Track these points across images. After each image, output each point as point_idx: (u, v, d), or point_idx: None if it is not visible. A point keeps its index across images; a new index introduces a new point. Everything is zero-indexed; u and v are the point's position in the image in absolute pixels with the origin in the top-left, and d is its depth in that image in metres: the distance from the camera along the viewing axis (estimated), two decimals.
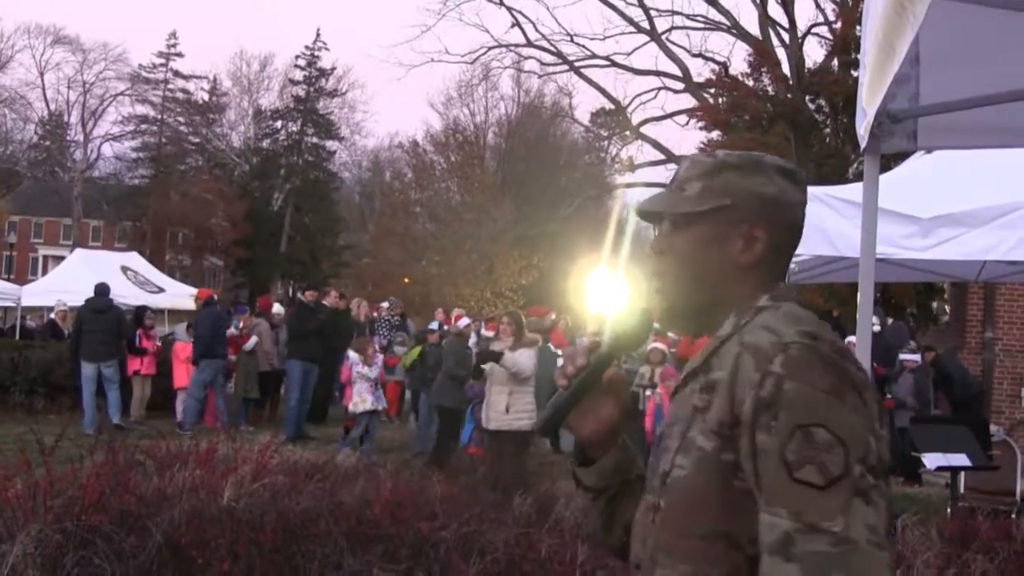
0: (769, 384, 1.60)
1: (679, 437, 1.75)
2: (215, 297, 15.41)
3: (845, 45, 25.60)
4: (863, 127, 3.30)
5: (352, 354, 12.96)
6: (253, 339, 16.04)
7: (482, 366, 10.43)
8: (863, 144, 3.46)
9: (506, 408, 10.15)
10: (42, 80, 70.79)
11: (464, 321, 13.09)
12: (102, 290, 15.61)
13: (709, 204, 1.83)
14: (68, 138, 72.69)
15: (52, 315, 20.80)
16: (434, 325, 16.44)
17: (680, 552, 1.69)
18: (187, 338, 15.77)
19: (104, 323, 14.82)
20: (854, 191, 6.16)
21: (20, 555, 4.90)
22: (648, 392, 12.01)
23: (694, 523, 1.68)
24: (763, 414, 1.59)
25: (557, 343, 14.56)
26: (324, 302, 16.33)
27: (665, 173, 40.65)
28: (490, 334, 13.29)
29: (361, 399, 12.51)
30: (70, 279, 23.67)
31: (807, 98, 27.01)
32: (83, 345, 14.82)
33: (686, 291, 1.88)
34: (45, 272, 47.71)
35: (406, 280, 46.61)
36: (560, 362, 13.17)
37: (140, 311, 16.21)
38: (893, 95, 3.20)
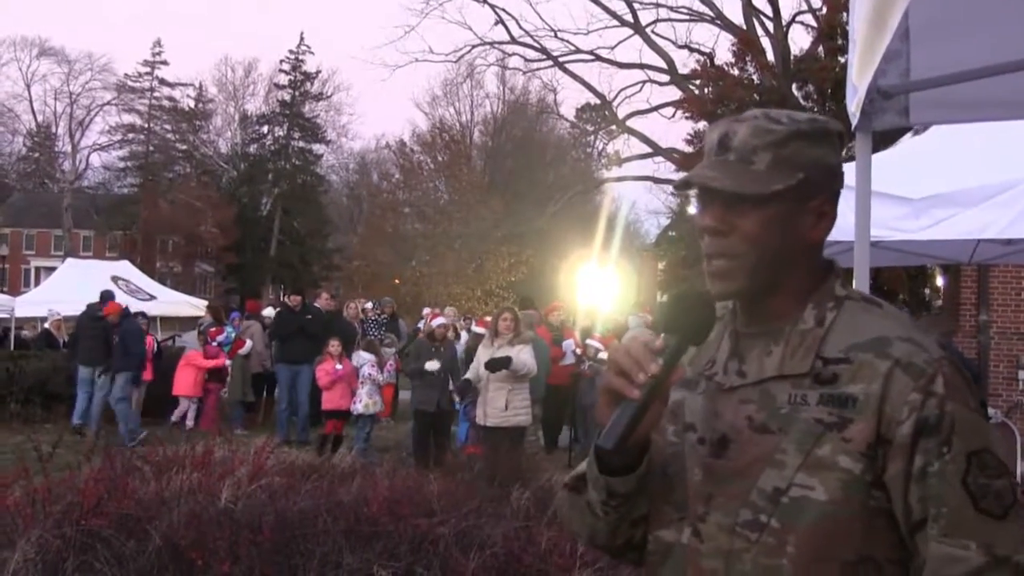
0: (932, 405, 1.55)
1: (798, 453, 1.62)
2: (129, 309, 15.31)
3: (831, 31, 25.59)
4: (854, 104, 3.28)
5: (364, 354, 12.91)
6: (248, 343, 16.09)
7: (490, 371, 10.38)
8: (855, 121, 3.43)
9: (505, 405, 10.18)
10: (29, 92, 70.77)
11: (438, 321, 12.63)
12: (104, 297, 15.89)
13: (784, 182, 1.67)
14: (56, 149, 72.75)
15: (46, 325, 20.76)
16: (422, 324, 16.45)
17: None
18: (198, 346, 15.86)
19: (99, 330, 14.92)
20: (845, 172, 6.13)
21: (21, 561, 4.90)
22: None
23: (837, 548, 1.58)
24: (929, 438, 1.55)
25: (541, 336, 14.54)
26: (316, 304, 16.34)
27: (652, 166, 40.73)
28: (480, 330, 13.24)
29: (372, 401, 12.50)
30: (62, 289, 23.68)
31: (794, 85, 27.02)
32: (79, 350, 15.27)
33: (752, 274, 1.70)
34: (38, 283, 47.60)
35: (396, 281, 46.57)
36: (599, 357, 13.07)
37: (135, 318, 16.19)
38: (884, 71, 3.17)
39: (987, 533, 1.51)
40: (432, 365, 11.50)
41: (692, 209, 2.02)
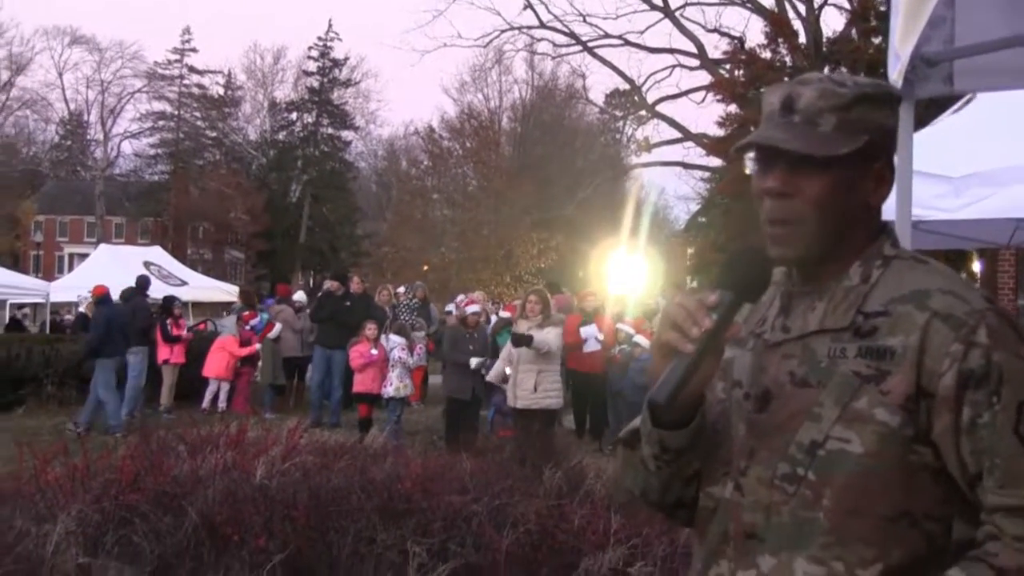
0: (976, 356, 1.54)
1: (836, 406, 1.62)
2: (109, 294, 15.06)
3: (864, 12, 25.41)
4: (896, 72, 3.24)
5: (394, 338, 12.93)
6: (278, 327, 16.18)
7: (514, 348, 10.40)
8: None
9: (535, 387, 10.19)
10: (61, 80, 71.57)
11: (472, 308, 12.61)
12: (140, 283, 16.25)
13: (851, 145, 1.67)
14: (88, 137, 73.30)
15: (81, 308, 20.99)
16: (451, 308, 16.47)
17: (857, 533, 1.59)
18: (235, 331, 15.97)
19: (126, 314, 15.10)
20: None
21: (63, 533, 4.94)
22: None
23: (876, 503, 1.58)
24: (976, 389, 1.53)
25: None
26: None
27: (682, 151, 40.60)
28: (507, 314, 13.24)
29: (403, 384, 12.53)
30: (96, 274, 23.84)
31: (826, 68, 26.84)
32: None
33: (815, 239, 1.70)
34: (71, 269, 47.95)
35: (425, 267, 46.56)
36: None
37: (168, 301, 16.32)
38: (928, 38, 3.12)
39: None
40: (476, 362, 11.55)
41: (749, 170, 1.91)
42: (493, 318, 17.34)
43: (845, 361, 1.63)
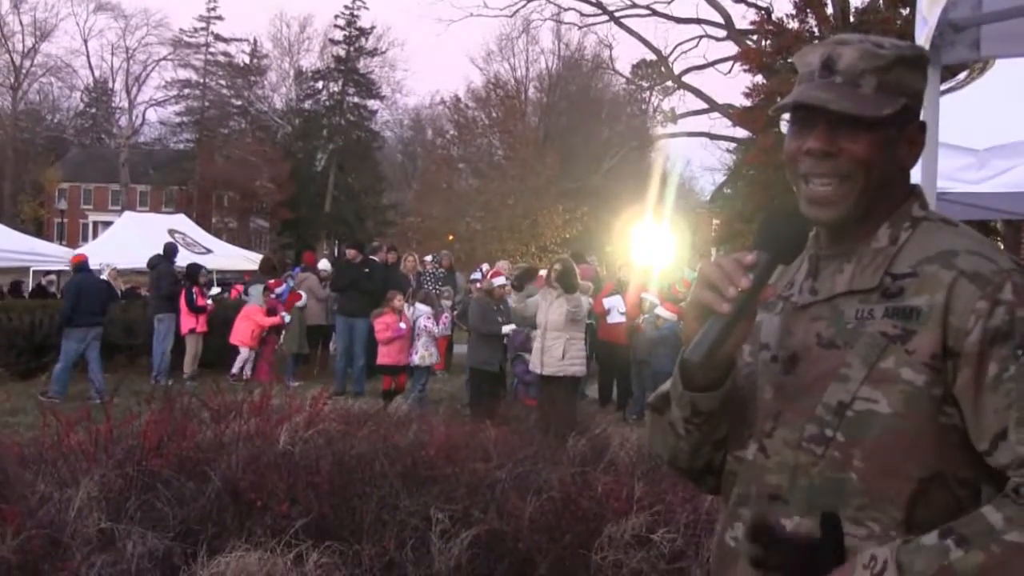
0: (1001, 312, 1.54)
1: (863, 366, 1.62)
2: (87, 262, 15.04)
3: None
4: (923, 37, 3.20)
5: (420, 307, 12.92)
6: (304, 297, 16.20)
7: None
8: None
9: (563, 354, 10.22)
10: (86, 48, 72.16)
11: (499, 280, 12.56)
12: (167, 250, 16.59)
13: (893, 107, 1.68)
14: (113, 105, 73.56)
15: (103, 276, 21.09)
16: (476, 276, 16.47)
17: (887, 495, 1.59)
18: (261, 301, 16.03)
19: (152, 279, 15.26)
20: None
21: (85, 498, 4.96)
22: None
23: (907, 463, 1.58)
24: (1001, 345, 1.53)
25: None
26: (373, 257, 16.45)
27: (708, 122, 40.42)
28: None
29: (428, 352, 12.55)
30: (120, 242, 24.01)
31: None
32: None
33: (859, 198, 1.70)
34: (95, 237, 48.17)
35: (450, 237, 46.56)
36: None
37: (193, 269, 16.37)
38: (955, 3, 3.09)
39: None
40: (508, 328, 11.57)
41: (784, 129, 1.88)
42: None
43: (872, 322, 1.63)
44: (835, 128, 1.68)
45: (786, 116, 1.78)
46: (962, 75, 7.22)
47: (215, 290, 21.47)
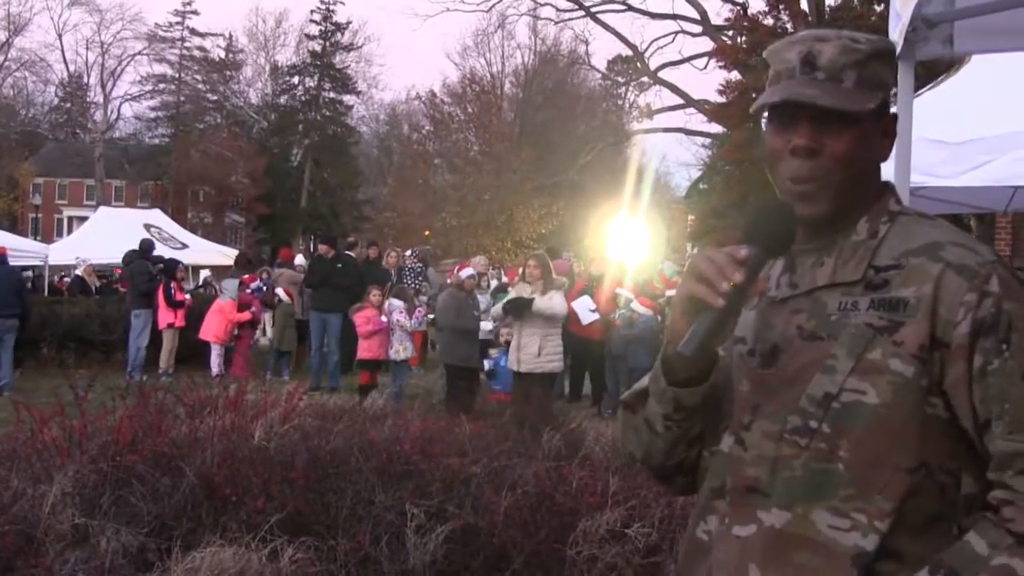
0: (988, 304, 1.55)
1: (849, 357, 1.62)
2: (5, 257, 14.88)
3: None
4: (897, 32, 3.22)
5: (395, 301, 12.90)
6: (280, 292, 16.16)
7: (513, 316, 10.41)
8: (897, 51, 3.36)
9: (539, 351, 10.21)
10: (61, 42, 71.39)
11: (467, 272, 12.34)
12: (144, 245, 16.58)
13: (874, 101, 1.70)
14: (88, 99, 72.90)
15: (77, 272, 20.97)
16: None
17: (877, 486, 1.59)
18: (235, 295, 15.96)
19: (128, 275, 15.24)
20: None
21: (59, 495, 4.95)
22: None
23: (893, 453, 1.59)
24: (987, 337, 1.54)
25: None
26: (349, 253, 16.44)
27: (684, 117, 40.51)
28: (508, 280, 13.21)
29: (403, 347, 12.53)
30: (95, 237, 23.89)
31: None
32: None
33: (838, 194, 1.71)
34: (70, 232, 47.87)
35: (427, 232, 46.53)
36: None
37: (171, 265, 16.31)
38: None
39: None
40: (486, 325, 11.50)
41: (765, 128, 1.87)
42: (493, 283, 17.38)
43: (857, 314, 1.64)
44: (820, 124, 1.69)
45: (766, 113, 1.79)
46: (942, 77, 7.27)
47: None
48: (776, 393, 1.70)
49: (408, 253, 19.61)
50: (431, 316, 15.29)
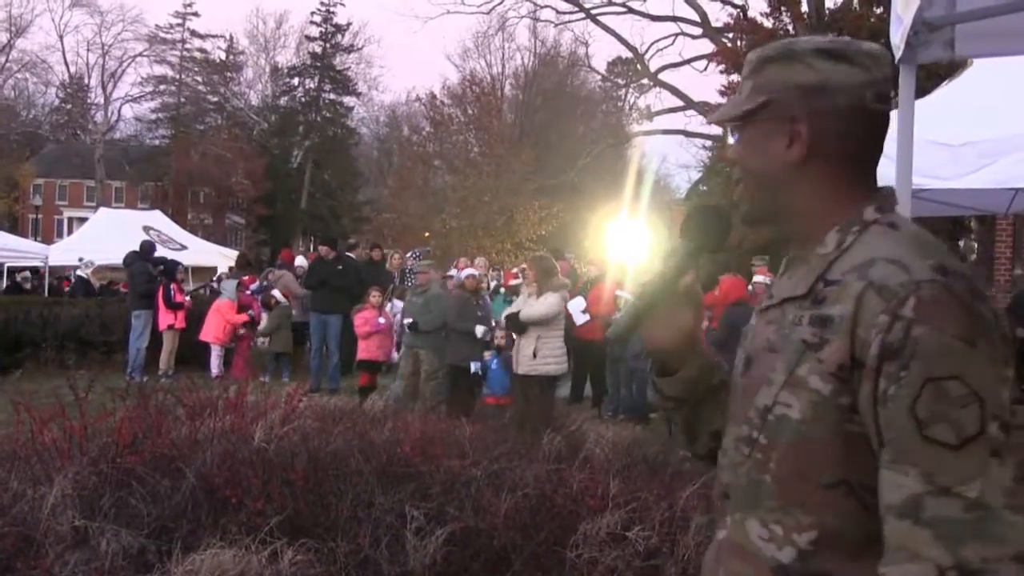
0: (898, 329, 1.49)
1: (784, 371, 1.63)
2: None
3: None
4: (899, 36, 3.22)
5: (398, 303, 12.89)
6: (277, 293, 16.13)
7: (513, 334, 10.41)
8: (898, 54, 3.36)
9: (534, 353, 10.17)
10: (62, 43, 71.26)
11: (467, 272, 12.42)
12: (144, 247, 16.46)
13: (747, 106, 1.74)
14: (89, 101, 72.95)
15: (79, 272, 20.94)
16: (452, 272, 16.50)
17: (797, 500, 1.60)
18: (234, 295, 15.95)
19: (128, 276, 15.22)
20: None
21: (59, 496, 4.94)
22: None
23: (813, 470, 1.58)
24: (891, 362, 1.49)
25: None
26: (350, 254, 16.43)
27: (683, 119, 40.54)
28: (514, 282, 13.17)
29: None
30: (95, 238, 23.88)
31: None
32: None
33: (754, 197, 1.78)
34: (70, 233, 47.84)
35: (426, 234, 46.47)
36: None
37: (171, 266, 16.29)
38: (930, 2, 3.11)
39: (932, 462, 1.44)
40: (482, 330, 11.45)
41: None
42: (492, 284, 17.39)
43: (800, 328, 1.65)
44: (733, 136, 1.81)
45: None
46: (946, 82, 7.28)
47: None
48: (741, 401, 1.76)
49: (409, 255, 19.61)
50: None
